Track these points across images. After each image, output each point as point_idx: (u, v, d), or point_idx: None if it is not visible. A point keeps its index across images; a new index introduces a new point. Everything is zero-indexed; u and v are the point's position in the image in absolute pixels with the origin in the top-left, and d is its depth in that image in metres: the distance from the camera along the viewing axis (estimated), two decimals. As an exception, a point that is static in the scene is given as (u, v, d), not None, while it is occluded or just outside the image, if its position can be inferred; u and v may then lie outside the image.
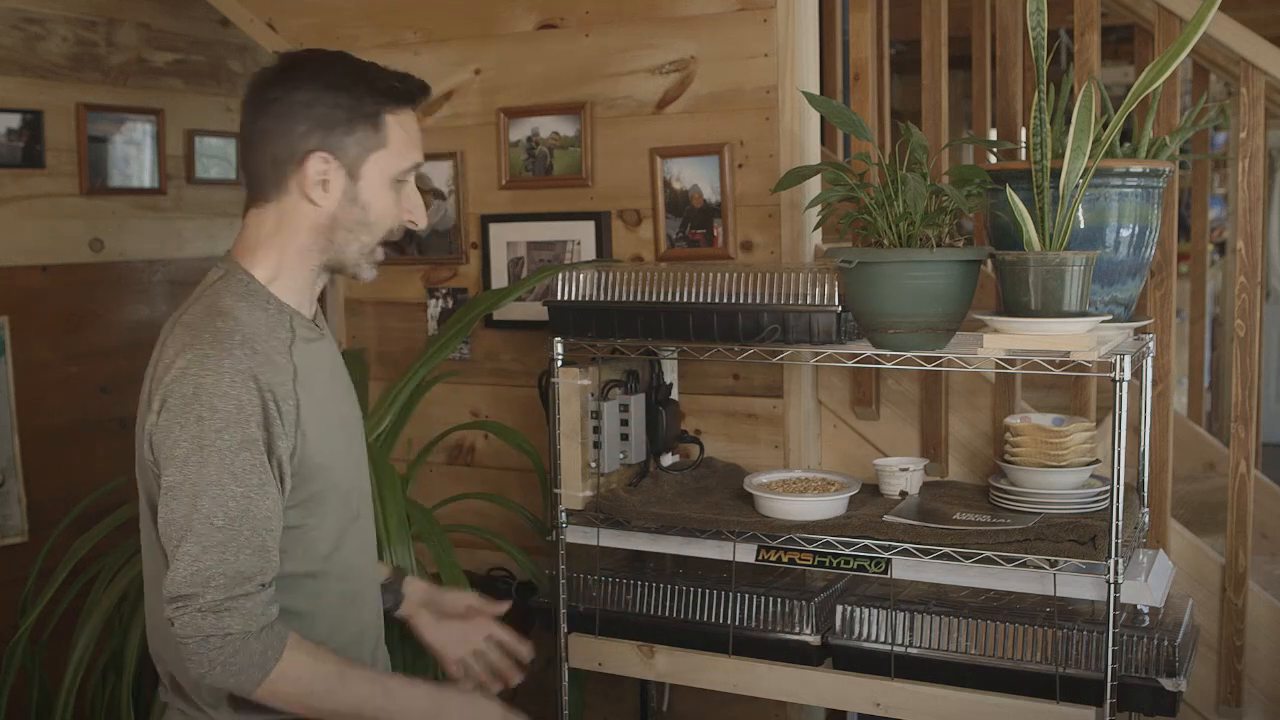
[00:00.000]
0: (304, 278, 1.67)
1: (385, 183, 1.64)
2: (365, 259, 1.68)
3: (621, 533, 2.44)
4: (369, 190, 1.63)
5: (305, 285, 1.67)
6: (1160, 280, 2.52)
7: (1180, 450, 2.98)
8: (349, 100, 1.61)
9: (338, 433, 1.69)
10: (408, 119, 1.66)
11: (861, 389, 2.72)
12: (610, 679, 2.71)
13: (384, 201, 1.65)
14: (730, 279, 2.34)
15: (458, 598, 2.03)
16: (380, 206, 1.64)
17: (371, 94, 1.62)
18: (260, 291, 1.63)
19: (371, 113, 1.62)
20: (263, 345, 1.57)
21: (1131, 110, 2.12)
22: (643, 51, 2.82)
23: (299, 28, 3.23)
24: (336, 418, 1.70)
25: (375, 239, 1.67)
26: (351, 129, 1.61)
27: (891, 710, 2.27)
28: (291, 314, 1.64)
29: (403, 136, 1.65)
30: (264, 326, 1.60)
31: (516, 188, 3.01)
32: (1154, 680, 2.11)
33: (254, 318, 1.59)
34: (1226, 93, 4.57)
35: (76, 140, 3.74)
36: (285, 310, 1.64)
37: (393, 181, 1.65)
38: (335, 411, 1.70)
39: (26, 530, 3.54)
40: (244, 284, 1.63)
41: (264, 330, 1.59)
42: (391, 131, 1.63)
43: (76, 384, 3.75)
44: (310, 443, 1.60)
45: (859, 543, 2.23)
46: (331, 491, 1.66)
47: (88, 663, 2.57)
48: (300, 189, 1.62)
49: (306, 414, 1.59)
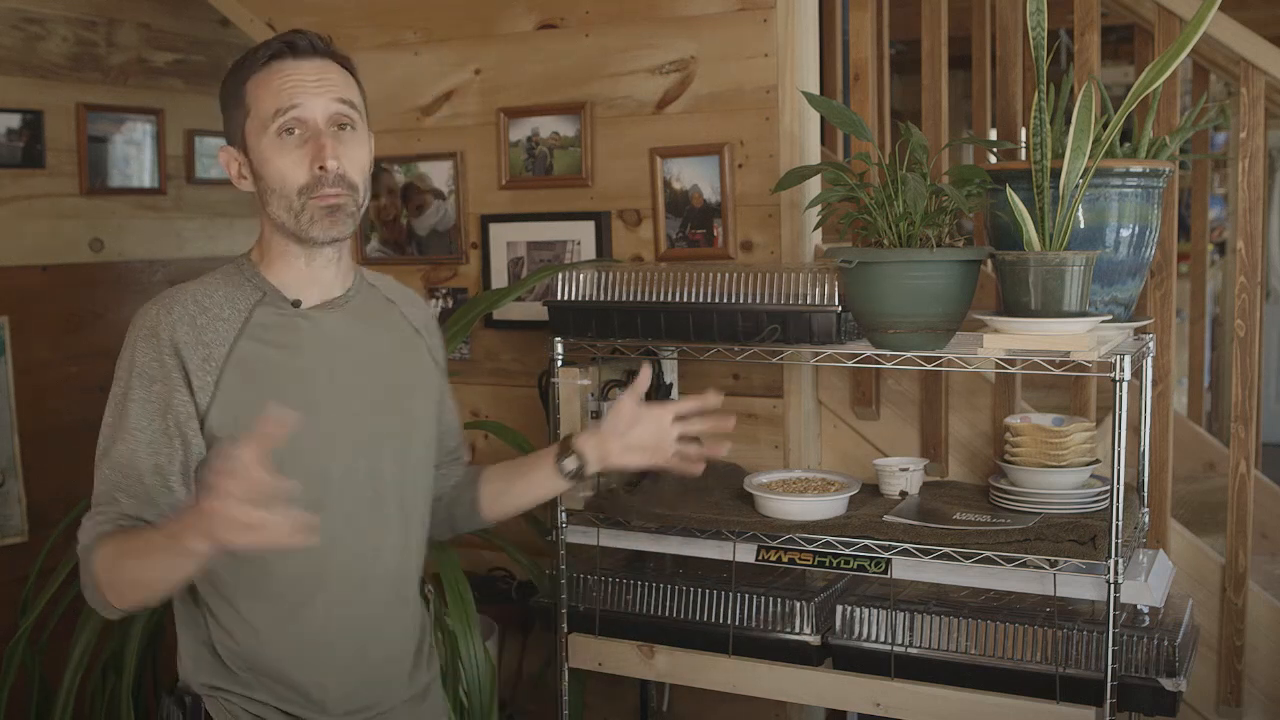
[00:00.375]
0: (285, 256, 1.70)
1: (265, 144, 1.64)
2: (304, 221, 1.65)
3: (621, 533, 2.44)
4: (257, 159, 1.66)
5: (291, 263, 1.70)
6: (1160, 280, 2.52)
7: (1180, 450, 2.98)
8: (223, 92, 1.70)
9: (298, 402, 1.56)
10: (275, 73, 1.65)
11: (861, 389, 2.72)
12: (610, 679, 2.71)
13: (274, 163, 1.64)
14: (730, 279, 2.34)
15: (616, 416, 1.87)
16: (272, 168, 1.64)
17: (233, 76, 1.69)
18: (244, 269, 1.70)
19: (234, 91, 1.68)
20: (198, 308, 1.63)
21: (1131, 110, 2.12)
22: (643, 51, 2.82)
23: (299, 28, 3.23)
24: (300, 391, 1.65)
25: (291, 198, 1.64)
26: (229, 115, 1.69)
27: (891, 710, 2.27)
28: (268, 289, 1.68)
29: (261, 94, 1.64)
30: (220, 294, 1.66)
31: (516, 188, 3.01)
32: (1154, 680, 2.11)
33: (213, 286, 1.67)
34: (1226, 93, 4.57)
35: (76, 140, 3.74)
36: (262, 286, 1.68)
37: (271, 139, 1.63)
38: (300, 385, 1.66)
39: (26, 530, 3.54)
40: (235, 264, 1.72)
41: (217, 297, 1.65)
42: (251, 94, 1.66)
43: (76, 384, 3.75)
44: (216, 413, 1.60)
45: (859, 543, 2.23)
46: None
47: (88, 663, 2.57)
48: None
49: (228, 382, 1.61)
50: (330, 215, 1.64)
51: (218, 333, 1.63)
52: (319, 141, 1.63)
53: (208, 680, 1.69)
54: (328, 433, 1.67)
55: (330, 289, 1.73)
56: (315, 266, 1.70)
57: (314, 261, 1.70)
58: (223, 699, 1.69)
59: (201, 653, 1.70)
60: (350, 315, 1.74)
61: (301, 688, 1.69)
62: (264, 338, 1.65)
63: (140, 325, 1.63)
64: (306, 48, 1.66)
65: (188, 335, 1.61)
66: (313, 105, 1.63)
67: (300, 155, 1.63)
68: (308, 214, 1.64)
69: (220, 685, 1.69)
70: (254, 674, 1.68)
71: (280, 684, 1.69)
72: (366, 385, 1.74)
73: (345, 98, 1.66)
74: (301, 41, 1.66)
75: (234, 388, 1.62)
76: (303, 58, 1.65)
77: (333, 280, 1.73)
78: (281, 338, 1.67)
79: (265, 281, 1.69)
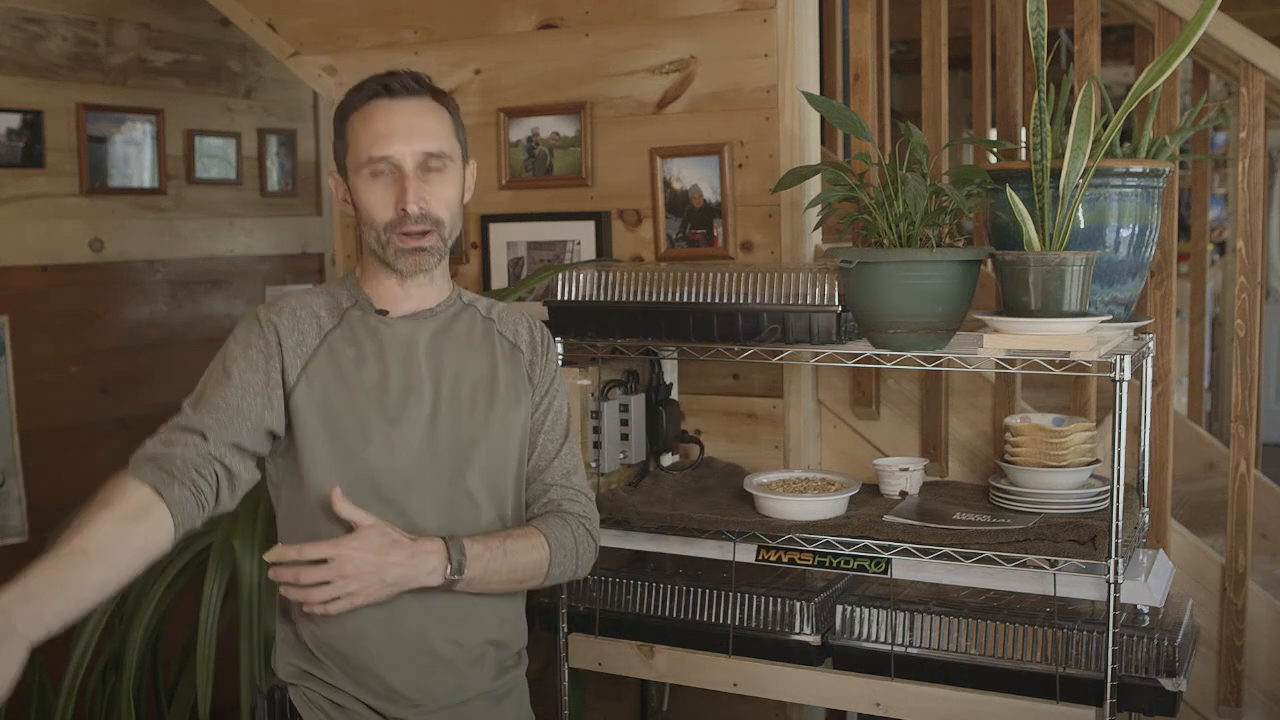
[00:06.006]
0: (378, 274, 1.83)
1: (359, 180, 1.77)
2: (389, 253, 1.77)
3: (621, 533, 2.44)
4: (354, 190, 1.80)
5: (383, 280, 1.82)
6: (1160, 280, 2.52)
7: (1180, 450, 2.98)
8: (334, 120, 1.84)
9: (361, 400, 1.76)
10: (373, 113, 1.77)
11: (861, 389, 2.72)
12: (610, 679, 2.71)
13: (365, 198, 1.77)
14: (730, 279, 2.34)
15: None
16: (363, 202, 1.78)
17: (340, 110, 1.82)
18: (347, 281, 1.87)
19: (339, 124, 1.82)
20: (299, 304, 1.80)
21: (1131, 110, 2.12)
22: (643, 51, 2.82)
23: (299, 28, 3.23)
24: (366, 388, 1.77)
25: (378, 231, 1.77)
26: (336, 145, 1.84)
27: (891, 710, 2.27)
28: (361, 298, 1.83)
29: (359, 134, 1.77)
30: (321, 301, 1.83)
31: (516, 188, 3.01)
32: (1154, 680, 2.11)
33: (317, 293, 1.85)
34: (1226, 93, 4.58)
35: (76, 140, 3.73)
36: (357, 295, 1.84)
37: (367, 176, 1.76)
38: (367, 383, 1.77)
39: (26, 530, 3.54)
40: (342, 278, 1.91)
41: (318, 303, 1.82)
42: (351, 131, 1.79)
43: (76, 384, 3.75)
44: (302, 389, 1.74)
45: (859, 543, 2.23)
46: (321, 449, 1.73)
47: (88, 663, 2.57)
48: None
49: (316, 367, 1.76)
50: (414, 254, 1.77)
51: (312, 327, 1.79)
52: (403, 185, 1.75)
53: (294, 665, 1.79)
54: (397, 429, 1.77)
55: (422, 302, 1.84)
56: (407, 285, 1.82)
57: (405, 282, 1.82)
58: (306, 689, 1.79)
59: (290, 639, 1.80)
60: (435, 326, 1.84)
61: (378, 676, 1.75)
62: (349, 338, 1.80)
63: (246, 315, 1.81)
64: (401, 89, 1.77)
65: (288, 324, 1.77)
66: (401, 152, 1.75)
67: (386, 195, 1.76)
68: (392, 248, 1.77)
69: (308, 670, 1.78)
70: (335, 661, 1.76)
71: (361, 672, 1.75)
72: (442, 389, 1.80)
73: (433, 149, 1.76)
74: (396, 84, 1.77)
75: (317, 375, 1.76)
76: (398, 98, 1.77)
77: (424, 296, 1.84)
78: (364, 340, 1.80)
79: (361, 292, 1.84)
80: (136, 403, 3.84)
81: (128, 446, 1.70)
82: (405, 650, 1.76)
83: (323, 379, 1.76)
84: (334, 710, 1.77)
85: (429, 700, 1.78)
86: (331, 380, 1.76)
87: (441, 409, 1.79)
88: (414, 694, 1.77)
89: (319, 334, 1.78)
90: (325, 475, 1.73)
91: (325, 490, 1.70)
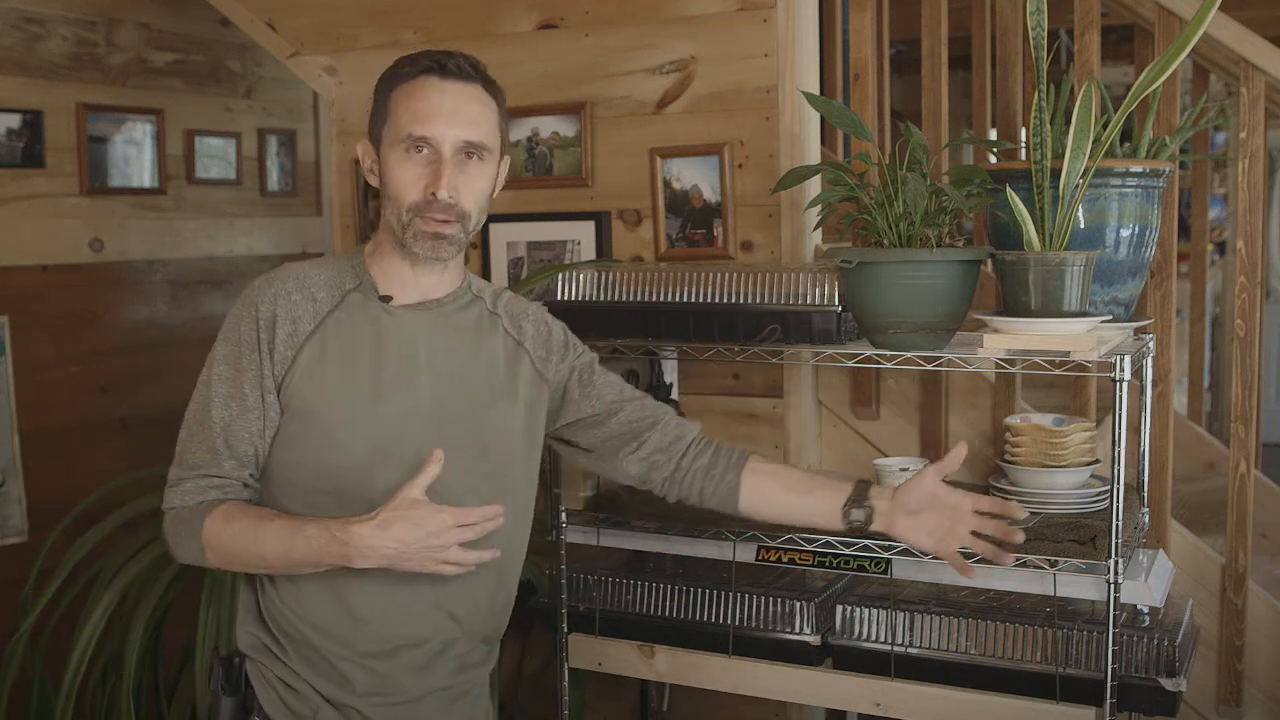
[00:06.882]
0: (391, 256, 1.77)
1: (394, 155, 1.72)
2: (408, 235, 1.72)
3: (621, 533, 2.45)
4: (384, 164, 1.74)
5: (396, 263, 1.77)
6: (1160, 280, 2.52)
7: (1180, 450, 2.97)
8: (376, 89, 1.77)
9: (363, 388, 1.72)
10: (420, 88, 1.71)
11: (861, 389, 2.72)
12: (610, 679, 2.71)
13: (395, 174, 1.71)
14: (730, 279, 2.34)
15: (917, 489, 1.84)
16: (393, 178, 1.72)
17: (385, 79, 1.76)
18: (354, 258, 1.80)
19: (382, 94, 1.75)
20: (297, 284, 1.74)
21: (1131, 110, 2.12)
22: (643, 51, 2.82)
23: (299, 28, 3.23)
24: (369, 377, 1.72)
25: (400, 211, 1.71)
26: (374, 113, 1.76)
27: (891, 710, 2.27)
28: (365, 280, 1.77)
29: (402, 108, 1.71)
30: (323, 277, 1.76)
31: (516, 187, 3.01)
32: (1154, 680, 2.11)
33: (320, 268, 1.78)
34: (1226, 93, 4.57)
35: (76, 140, 3.74)
36: (361, 276, 1.77)
37: (402, 152, 1.71)
38: (370, 372, 1.73)
39: (26, 530, 3.54)
40: (349, 253, 1.85)
41: (320, 279, 1.76)
42: (394, 103, 1.73)
43: (76, 384, 3.75)
44: (299, 380, 1.70)
45: (859, 543, 2.23)
46: (320, 438, 1.70)
47: (88, 663, 2.57)
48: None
49: (311, 354, 1.71)
50: (433, 240, 1.71)
51: (307, 312, 1.73)
52: (438, 169, 1.70)
53: (254, 635, 1.78)
54: (389, 420, 1.73)
55: (429, 292, 1.79)
56: (418, 272, 1.77)
57: (417, 267, 1.77)
58: (262, 665, 1.76)
59: (252, 610, 1.79)
60: (438, 318, 1.79)
61: (331, 664, 1.73)
62: (347, 323, 1.74)
63: (245, 294, 1.76)
64: (455, 71, 1.72)
65: (283, 311, 1.72)
66: (442, 134, 1.70)
67: (419, 174, 1.70)
68: (412, 230, 1.71)
69: (266, 644, 1.76)
70: (290, 644, 1.74)
71: (315, 655, 1.74)
72: (439, 385, 1.76)
73: (474, 138, 1.72)
74: (451, 64, 1.72)
75: (310, 363, 1.71)
76: (449, 79, 1.72)
77: (433, 285, 1.79)
78: (362, 327, 1.74)
79: (367, 273, 1.78)
80: (136, 403, 3.84)
81: (128, 446, 1.71)
82: (360, 640, 1.73)
83: (312, 368, 1.72)
84: (285, 692, 1.74)
85: (380, 692, 1.75)
86: (320, 371, 1.72)
87: (438, 403, 1.76)
88: (365, 684, 1.74)
89: (314, 319, 1.73)
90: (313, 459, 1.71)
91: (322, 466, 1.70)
